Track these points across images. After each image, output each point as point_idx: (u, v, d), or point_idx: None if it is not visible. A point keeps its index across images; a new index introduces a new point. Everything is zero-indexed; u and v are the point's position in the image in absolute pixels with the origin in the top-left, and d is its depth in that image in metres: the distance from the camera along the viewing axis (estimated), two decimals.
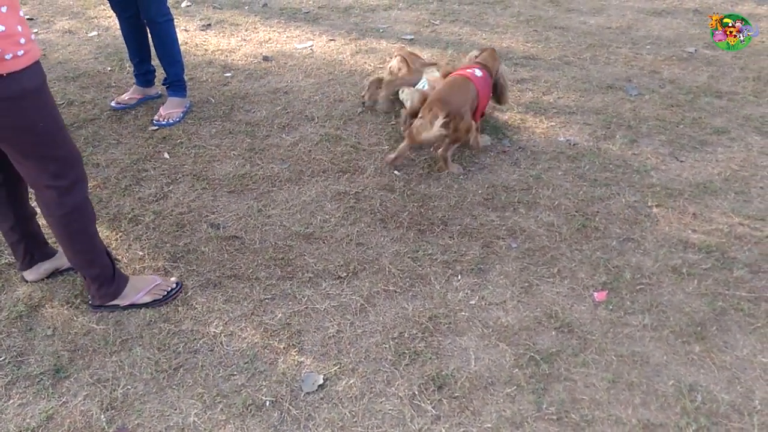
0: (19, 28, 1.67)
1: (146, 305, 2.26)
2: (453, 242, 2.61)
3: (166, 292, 2.29)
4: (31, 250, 2.31)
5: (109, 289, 2.20)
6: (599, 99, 3.73)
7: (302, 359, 2.07)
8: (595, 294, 2.32)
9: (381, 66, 4.18)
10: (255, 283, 2.40)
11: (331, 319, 2.23)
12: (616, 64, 4.21)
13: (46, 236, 2.40)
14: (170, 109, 3.51)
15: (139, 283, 2.27)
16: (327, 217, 2.76)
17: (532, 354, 2.07)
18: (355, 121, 3.53)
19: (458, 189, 2.94)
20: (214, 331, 2.19)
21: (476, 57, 3.30)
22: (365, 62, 4.25)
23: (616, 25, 4.91)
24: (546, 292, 2.34)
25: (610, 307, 2.26)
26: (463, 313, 2.25)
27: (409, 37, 4.68)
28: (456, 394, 1.94)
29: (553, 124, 3.49)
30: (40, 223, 2.33)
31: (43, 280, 2.38)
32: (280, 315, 2.25)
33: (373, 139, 3.35)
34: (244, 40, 4.68)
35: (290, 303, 2.31)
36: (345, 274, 2.44)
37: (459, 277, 2.42)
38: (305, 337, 2.16)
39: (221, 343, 2.14)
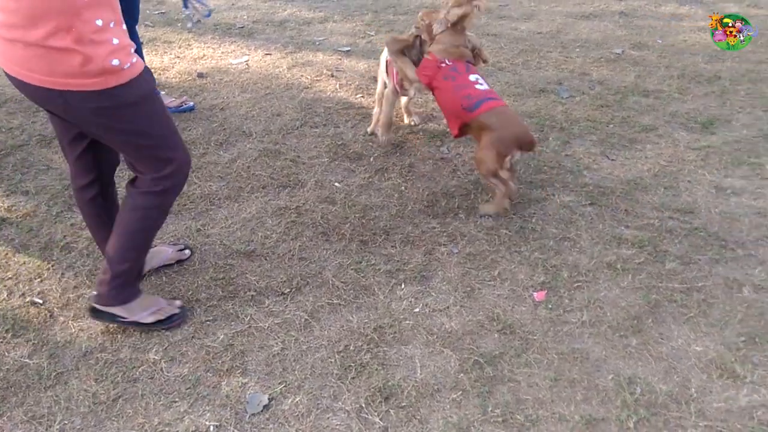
0: (126, 39, 1.81)
1: (148, 325, 2.20)
2: (395, 251, 2.62)
3: (169, 315, 2.23)
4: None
5: (123, 293, 2.13)
6: (532, 103, 3.82)
7: (246, 380, 2.04)
8: (535, 294, 2.37)
9: (318, 78, 4.18)
10: (195, 305, 2.35)
11: (275, 337, 2.21)
12: (548, 68, 4.33)
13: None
14: None
15: (146, 302, 2.21)
16: (268, 233, 2.73)
17: (476, 358, 2.10)
18: (294, 135, 3.51)
19: (399, 198, 2.96)
20: (153, 358, 2.13)
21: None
22: (302, 75, 4.24)
23: (546, 30, 5.05)
24: (488, 296, 2.37)
25: (550, 306, 2.31)
26: (408, 322, 2.26)
27: (345, 49, 4.69)
28: (403, 404, 1.95)
29: None
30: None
31: None
32: (222, 336, 2.21)
33: (313, 152, 3.34)
34: (178, 57, 4.61)
35: (232, 323, 2.27)
36: (288, 290, 2.42)
37: (402, 285, 2.44)
38: (249, 357, 2.13)
39: (161, 369, 2.09)
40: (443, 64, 2.88)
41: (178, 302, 2.30)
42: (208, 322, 2.28)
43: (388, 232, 2.73)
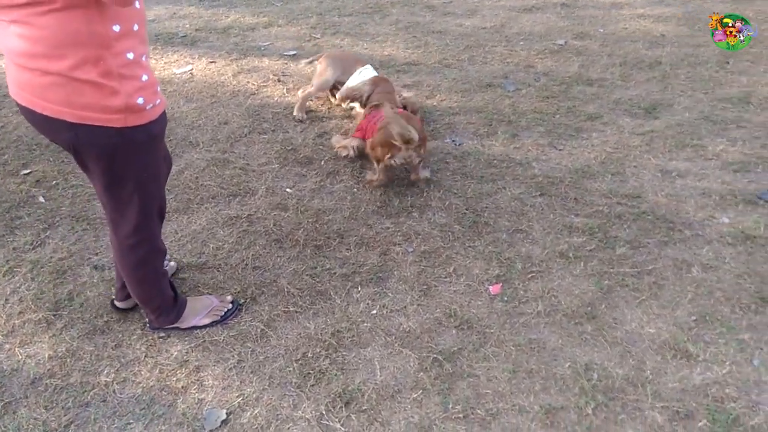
0: (154, 76, 1.73)
1: (206, 326, 2.24)
2: (351, 254, 2.60)
3: (223, 313, 2.27)
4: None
5: (169, 317, 2.19)
6: (480, 98, 3.85)
7: (203, 396, 1.99)
8: (491, 288, 2.38)
9: (265, 84, 4.13)
10: (147, 323, 2.29)
11: (231, 350, 2.16)
12: (493, 62, 4.37)
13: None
14: None
15: (197, 305, 2.26)
16: (220, 244, 2.68)
17: (435, 355, 2.09)
18: (243, 142, 3.46)
19: (352, 200, 2.94)
20: (105, 380, 2.06)
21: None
22: (248, 81, 4.19)
23: (490, 25, 5.10)
24: (444, 292, 2.37)
25: (505, 299, 2.32)
26: (366, 324, 2.25)
27: (291, 53, 4.65)
28: (364, 408, 1.93)
29: (438, 126, 3.56)
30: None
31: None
32: (176, 353, 2.15)
33: (262, 159, 3.30)
34: None
35: (186, 339, 2.22)
36: (243, 300, 2.38)
37: (359, 288, 2.42)
38: (205, 373, 2.08)
39: (114, 391, 2.02)
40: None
41: (229, 297, 2.33)
42: (161, 339, 2.22)
43: (343, 235, 2.71)
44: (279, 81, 4.18)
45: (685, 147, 3.21)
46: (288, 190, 3.03)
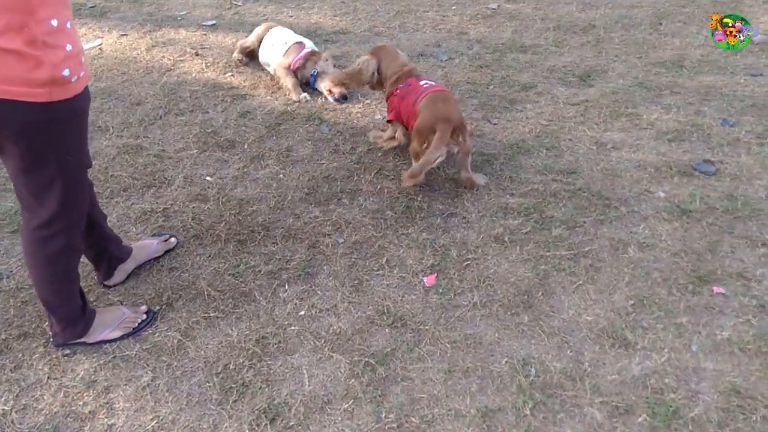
0: (79, 44, 1.59)
1: (116, 340, 2.05)
2: (277, 248, 2.43)
3: (136, 324, 2.09)
4: (110, 254, 2.20)
5: (76, 329, 2.01)
6: None
7: (113, 421, 1.81)
8: (425, 279, 2.26)
9: (181, 59, 3.84)
10: (51, 338, 2.07)
11: (145, 365, 1.98)
12: (425, 29, 4.19)
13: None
14: None
15: (107, 317, 2.07)
16: (132, 243, 2.46)
17: (367, 359, 1.96)
18: (158, 126, 3.20)
19: (278, 187, 2.75)
20: (2, 409, 1.85)
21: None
22: (163, 56, 3.88)
23: None
24: (377, 287, 2.24)
25: (440, 290, 2.21)
26: (293, 328, 2.10)
27: (210, 23, 4.34)
28: (291, 423, 1.79)
29: (368, 101, 3.39)
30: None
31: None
32: (82, 372, 1.96)
33: (180, 143, 3.06)
34: None
35: (94, 355, 2.02)
36: (158, 307, 2.18)
37: (286, 287, 2.26)
38: (115, 394, 1.89)
39: (13, 421, 1.82)
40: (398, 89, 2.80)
41: (143, 307, 2.15)
42: (66, 358, 2.01)
43: (268, 228, 2.53)
44: (197, 55, 3.89)
45: (620, 116, 3.14)
46: (208, 178, 2.82)
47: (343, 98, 3.33)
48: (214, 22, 4.36)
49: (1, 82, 1.46)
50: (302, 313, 2.15)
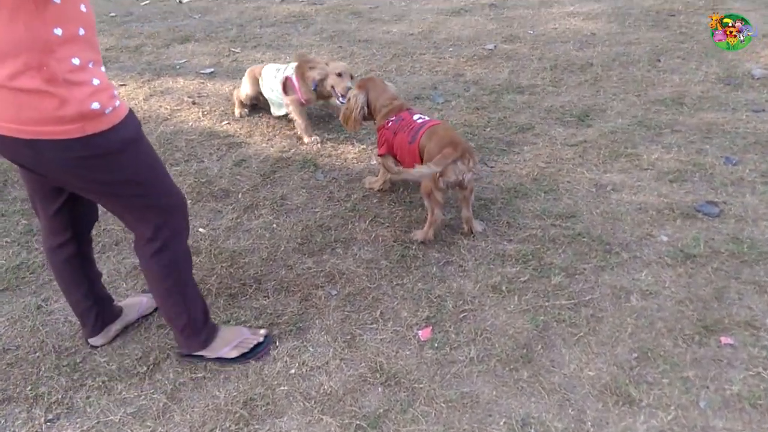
0: (107, 80, 1.59)
1: (233, 360, 2.10)
2: (268, 302, 2.37)
3: (253, 345, 2.12)
4: (102, 314, 2.16)
5: (198, 339, 2.05)
6: None
7: None
8: (420, 332, 2.18)
9: (178, 107, 3.84)
10: (34, 403, 2.01)
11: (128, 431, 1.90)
12: (421, 72, 4.18)
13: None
14: None
15: (228, 335, 2.12)
16: (120, 299, 2.40)
17: (359, 422, 1.88)
18: None
19: (270, 237, 2.70)
20: None
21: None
22: (161, 106, 3.89)
23: (418, 31, 4.91)
24: (370, 342, 2.16)
25: (436, 345, 2.13)
26: (283, 388, 2.02)
27: (208, 71, 4.36)
28: None
29: (364, 146, 3.35)
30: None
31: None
32: None
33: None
34: None
35: (78, 420, 1.95)
36: (144, 368, 2.11)
37: (277, 343, 2.19)
38: None
39: None
40: (389, 124, 2.75)
41: (262, 331, 2.18)
42: (48, 424, 1.94)
43: (260, 281, 2.47)
44: (194, 103, 3.89)
45: (619, 157, 3.08)
46: (201, 230, 2.77)
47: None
48: (212, 69, 4.38)
49: (32, 123, 1.47)
50: (292, 371, 2.07)
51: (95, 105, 1.51)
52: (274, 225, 2.77)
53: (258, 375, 2.06)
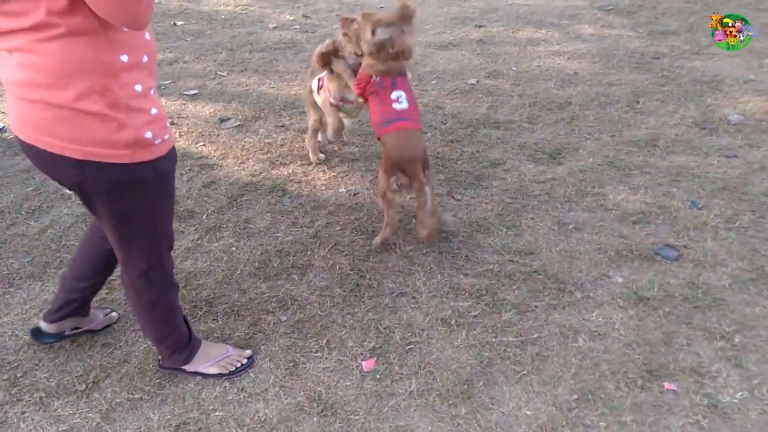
0: (163, 111, 1.63)
1: (212, 376, 2.11)
2: (216, 325, 2.35)
3: (234, 367, 2.13)
4: (73, 311, 2.17)
5: (182, 355, 2.08)
6: None
7: None
8: (364, 363, 2.16)
9: None
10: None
11: None
12: None
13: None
14: None
15: (211, 351, 2.14)
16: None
17: None
18: None
19: (228, 261, 2.69)
20: None
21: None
22: None
23: None
24: (312, 370, 2.14)
25: (378, 376, 2.11)
26: (218, 413, 1.99)
27: (192, 92, 4.40)
28: None
29: (335, 174, 3.36)
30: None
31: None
32: None
33: None
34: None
35: None
36: (83, 386, 2.09)
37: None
38: None
39: None
40: (372, 79, 2.68)
41: (248, 351, 2.20)
42: None
43: (211, 303, 2.46)
44: (172, 123, 3.92)
45: (585, 196, 3.09)
46: None
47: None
48: (195, 91, 4.42)
49: (87, 144, 1.50)
50: (230, 397, 2.05)
51: (149, 134, 1.56)
52: (234, 248, 2.77)
53: (195, 399, 2.04)
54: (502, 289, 2.49)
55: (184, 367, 2.11)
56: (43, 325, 2.18)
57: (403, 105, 2.60)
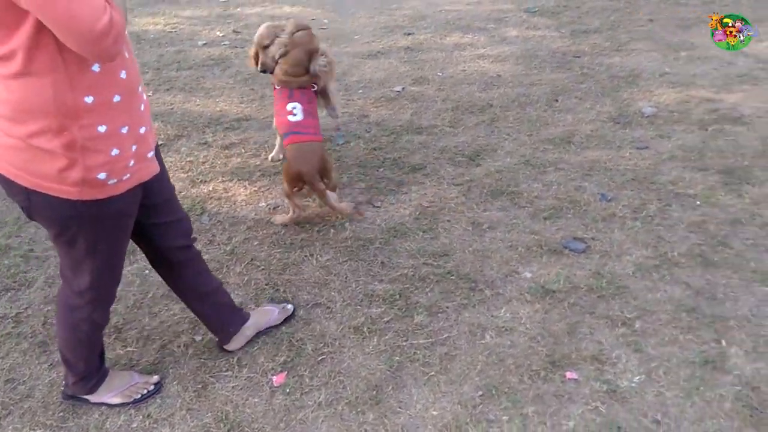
0: (134, 147, 1.59)
1: (117, 406, 2.07)
2: (125, 352, 2.31)
3: (140, 395, 2.09)
4: (225, 321, 2.23)
5: (87, 386, 2.05)
6: None
7: None
8: (274, 378, 2.15)
9: None
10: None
11: None
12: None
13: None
14: None
15: (115, 381, 2.09)
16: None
17: None
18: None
19: (141, 284, 2.66)
20: None
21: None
22: None
23: None
24: (221, 390, 2.12)
25: (288, 390, 2.10)
26: None
27: None
28: None
29: (256, 188, 3.35)
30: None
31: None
32: None
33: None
34: None
35: None
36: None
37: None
38: None
39: None
40: (275, 89, 2.96)
41: (155, 378, 2.16)
42: None
43: (121, 329, 2.42)
44: None
45: (500, 195, 3.14)
46: None
47: None
48: None
49: (36, 176, 1.51)
50: (135, 425, 2.02)
51: (101, 175, 1.53)
52: (147, 271, 2.73)
53: (98, 430, 2.00)
54: (415, 292, 2.51)
55: (88, 398, 2.07)
56: (229, 347, 2.28)
57: (298, 117, 2.64)
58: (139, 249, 2.85)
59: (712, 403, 1.94)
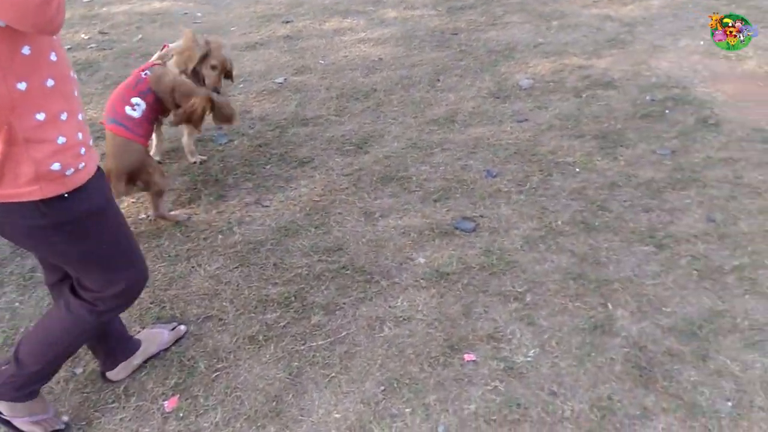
0: (80, 135, 1.48)
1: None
2: None
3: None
4: (114, 351, 2.05)
5: (17, 393, 1.82)
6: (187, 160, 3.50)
7: None
8: (166, 403, 2.03)
9: None
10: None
11: None
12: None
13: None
14: None
15: (34, 407, 1.88)
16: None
17: None
18: None
19: (11, 319, 2.43)
20: None
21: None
22: None
23: None
24: (108, 424, 1.98)
25: (181, 415, 1.99)
26: None
27: None
28: None
29: (135, 200, 3.15)
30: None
31: None
32: None
33: None
34: None
35: None
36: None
37: None
38: None
39: None
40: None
41: (65, 417, 1.98)
42: None
43: None
44: None
45: (390, 181, 3.12)
46: None
47: None
48: None
49: None
50: None
51: (55, 166, 1.41)
52: (17, 303, 2.50)
53: None
54: (311, 292, 2.44)
55: (6, 414, 1.86)
56: (112, 376, 2.11)
57: (136, 114, 2.65)
58: (6, 281, 2.63)
59: (603, 368, 2.02)
